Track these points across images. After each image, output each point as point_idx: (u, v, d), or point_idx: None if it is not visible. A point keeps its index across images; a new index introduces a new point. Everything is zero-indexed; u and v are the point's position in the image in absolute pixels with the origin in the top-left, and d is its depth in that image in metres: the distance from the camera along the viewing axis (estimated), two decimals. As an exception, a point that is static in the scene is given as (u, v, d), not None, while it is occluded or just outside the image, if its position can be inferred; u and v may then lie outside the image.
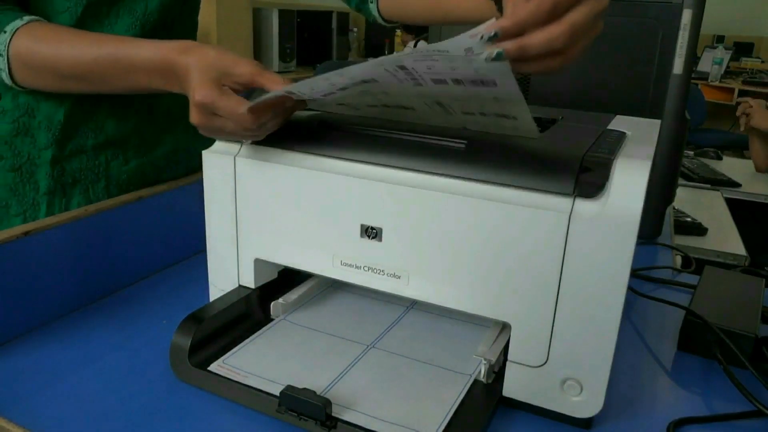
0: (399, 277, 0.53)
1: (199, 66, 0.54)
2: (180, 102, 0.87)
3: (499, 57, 0.41)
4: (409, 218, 0.51)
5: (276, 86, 0.52)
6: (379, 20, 0.98)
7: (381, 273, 0.54)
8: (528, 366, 0.50)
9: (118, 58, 0.63)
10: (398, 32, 4.91)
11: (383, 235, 0.52)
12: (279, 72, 2.19)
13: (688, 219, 1.42)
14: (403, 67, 0.45)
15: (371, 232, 0.53)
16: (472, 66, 0.42)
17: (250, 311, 0.63)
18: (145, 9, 0.76)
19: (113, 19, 0.75)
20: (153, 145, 0.83)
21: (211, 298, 0.64)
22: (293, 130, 0.56)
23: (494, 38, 0.41)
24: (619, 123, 0.59)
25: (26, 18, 0.66)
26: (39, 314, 0.63)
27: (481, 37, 0.40)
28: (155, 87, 0.62)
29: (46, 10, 0.71)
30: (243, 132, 0.53)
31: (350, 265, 0.55)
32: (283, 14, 3.87)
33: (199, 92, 0.52)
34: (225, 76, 0.53)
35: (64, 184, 0.77)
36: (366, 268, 0.54)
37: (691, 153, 2.23)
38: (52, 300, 0.64)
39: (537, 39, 0.43)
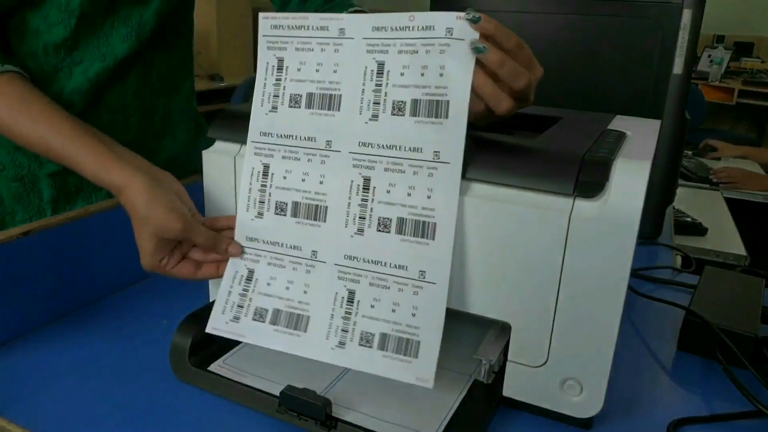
0: (399, 277, 0.53)
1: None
2: (179, 106, 0.88)
3: (478, 51, 0.46)
4: (409, 218, 0.51)
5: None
6: None
7: (381, 273, 0.54)
8: (528, 366, 0.50)
9: (63, 155, 0.60)
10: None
11: (383, 235, 0.52)
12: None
13: (688, 219, 1.42)
14: (381, 67, 0.49)
15: (371, 232, 0.53)
16: (440, 62, 0.47)
17: (250, 311, 0.62)
18: (140, 18, 0.75)
19: (108, 30, 0.74)
20: (153, 152, 0.83)
21: (211, 298, 0.64)
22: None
23: (476, 21, 0.45)
24: (619, 123, 0.59)
25: (4, 67, 0.64)
26: (39, 314, 0.63)
27: (466, 14, 0.46)
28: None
29: (40, 23, 0.71)
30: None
31: (350, 265, 0.55)
32: (284, 14, 3.87)
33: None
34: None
35: (67, 193, 0.77)
36: (366, 268, 0.54)
37: (689, 152, 2.23)
38: (52, 300, 0.64)
39: (510, 62, 0.46)
